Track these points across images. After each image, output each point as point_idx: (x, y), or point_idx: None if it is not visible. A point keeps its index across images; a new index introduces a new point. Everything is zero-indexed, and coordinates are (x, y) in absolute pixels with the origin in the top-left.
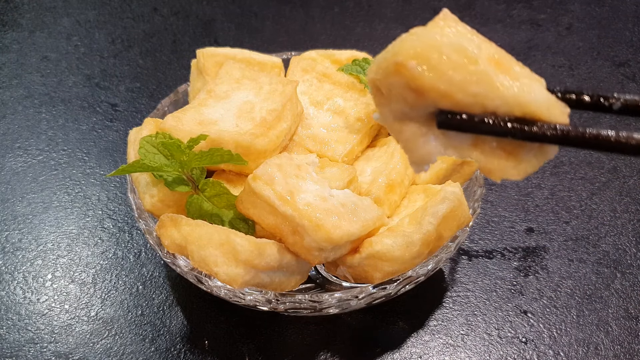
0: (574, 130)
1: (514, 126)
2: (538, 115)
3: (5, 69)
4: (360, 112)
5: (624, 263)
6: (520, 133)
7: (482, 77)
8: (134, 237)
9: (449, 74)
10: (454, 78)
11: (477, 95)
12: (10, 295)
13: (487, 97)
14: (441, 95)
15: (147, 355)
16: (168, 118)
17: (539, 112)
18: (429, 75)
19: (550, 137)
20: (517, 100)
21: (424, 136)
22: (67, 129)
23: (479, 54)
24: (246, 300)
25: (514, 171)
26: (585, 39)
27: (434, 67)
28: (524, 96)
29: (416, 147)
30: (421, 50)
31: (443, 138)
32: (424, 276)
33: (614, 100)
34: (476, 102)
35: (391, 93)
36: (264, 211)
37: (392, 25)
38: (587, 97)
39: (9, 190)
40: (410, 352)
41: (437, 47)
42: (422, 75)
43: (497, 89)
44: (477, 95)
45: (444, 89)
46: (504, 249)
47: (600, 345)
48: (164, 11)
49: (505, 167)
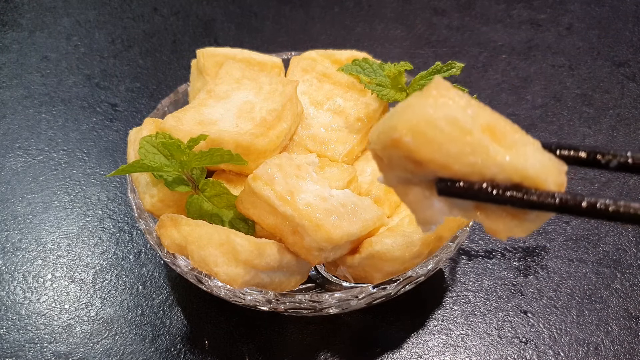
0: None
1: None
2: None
3: (5, 69)
4: (360, 112)
5: (624, 263)
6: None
7: (477, 147)
8: (134, 237)
9: (444, 146)
10: (450, 150)
11: (474, 165)
12: (10, 295)
13: (484, 166)
14: (439, 166)
15: (147, 355)
16: (168, 118)
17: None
18: (426, 148)
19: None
20: (514, 167)
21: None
22: (67, 129)
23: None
24: (246, 300)
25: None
26: (585, 39)
27: (430, 140)
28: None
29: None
30: (416, 125)
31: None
32: (424, 276)
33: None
34: (474, 171)
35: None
36: (264, 211)
37: (392, 25)
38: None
39: (9, 190)
40: (410, 352)
41: (431, 121)
42: (419, 149)
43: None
44: (474, 165)
45: (441, 161)
46: (504, 249)
47: (600, 345)
48: (164, 11)
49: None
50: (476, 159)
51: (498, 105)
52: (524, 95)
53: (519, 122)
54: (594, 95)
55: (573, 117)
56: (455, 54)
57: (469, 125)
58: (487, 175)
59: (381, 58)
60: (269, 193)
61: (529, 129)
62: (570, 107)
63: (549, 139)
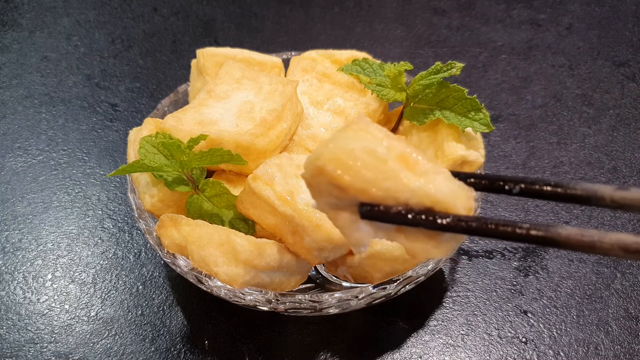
0: (477, 222)
1: (425, 218)
2: (445, 204)
3: (5, 69)
4: (360, 112)
5: (624, 263)
6: (431, 224)
7: (390, 174)
8: (134, 237)
9: (362, 173)
10: (367, 176)
11: (388, 190)
12: (10, 295)
13: (397, 191)
14: (358, 191)
15: (147, 355)
16: (168, 118)
17: (446, 201)
18: (346, 175)
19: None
20: (424, 192)
21: (355, 223)
22: (67, 129)
23: (388, 154)
24: (246, 300)
25: (436, 251)
26: (585, 39)
27: (349, 168)
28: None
29: (350, 232)
30: (337, 155)
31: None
32: (424, 276)
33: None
34: (388, 196)
35: (320, 189)
36: (264, 211)
37: (392, 25)
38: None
39: (9, 190)
40: (410, 352)
41: (350, 151)
42: (340, 176)
43: (404, 183)
44: (389, 190)
45: (360, 186)
46: (504, 249)
47: (600, 345)
48: (164, 11)
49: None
50: (390, 184)
51: (498, 105)
52: (524, 95)
53: (519, 122)
54: (594, 95)
55: (573, 117)
56: (455, 54)
57: (384, 155)
58: (400, 199)
59: (381, 58)
60: (269, 193)
61: (529, 129)
62: (570, 107)
63: (549, 139)
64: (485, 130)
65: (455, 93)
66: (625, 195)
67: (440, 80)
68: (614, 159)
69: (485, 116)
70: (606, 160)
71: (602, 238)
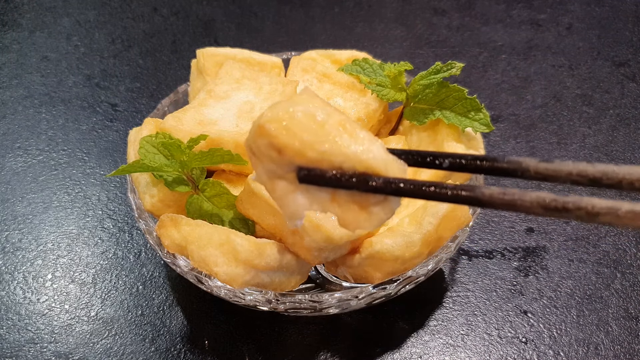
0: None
1: (357, 180)
2: (377, 171)
3: (5, 69)
4: (360, 112)
5: (624, 263)
6: (363, 186)
7: (327, 137)
8: (134, 237)
9: (300, 134)
10: (304, 137)
11: (324, 153)
12: (10, 295)
13: (332, 154)
14: (296, 152)
15: (147, 355)
16: (168, 118)
17: (378, 168)
18: (284, 134)
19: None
20: (358, 157)
21: (292, 193)
22: (67, 129)
23: (327, 119)
24: (246, 300)
25: (367, 223)
26: (585, 39)
27: (288, 128)
28: (364, 154)
29: (287, 203)
30: (279, 116)
31: (308, 194)
32: (424, 276)
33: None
34: (324, 159)
35: (260, 152)
36: (263, 211)
37: (392, 25)
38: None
39: (9, 190)
40: (410, 352)
41: (291, 113)
42: (279, 134)
43: (339, 147)
44: (325, 153)
45: (297, 147)
46: (504, 249)
47: (600, 345)
48: (164, 11)
49: (358, 220)
50: (326, 147)
51: (498, 105)
52: (524, 95)
53: (519, 122)
54: (594, 95)
55: (573, 117)
56: (455, 54)
57: (323, 119)
58: (335, 163)
59: (381, 58)
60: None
61: (529, 129)
62: (570, 107)
63: (549, 139)
64: (485, 130)
65: (455, 93)
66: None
67: (440, 80)
68: (614, 159)
69: (485, 116)
70: (606, 160)
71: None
